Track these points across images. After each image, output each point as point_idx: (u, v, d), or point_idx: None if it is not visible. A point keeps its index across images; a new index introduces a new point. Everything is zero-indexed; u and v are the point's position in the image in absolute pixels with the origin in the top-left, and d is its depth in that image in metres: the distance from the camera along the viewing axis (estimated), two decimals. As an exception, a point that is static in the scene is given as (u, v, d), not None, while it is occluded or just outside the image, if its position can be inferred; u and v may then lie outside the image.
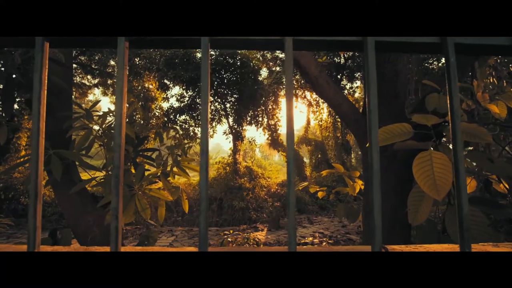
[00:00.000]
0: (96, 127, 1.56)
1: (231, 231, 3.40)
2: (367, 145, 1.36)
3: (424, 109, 1.74)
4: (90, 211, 1.64)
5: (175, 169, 1.59)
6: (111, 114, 1.58)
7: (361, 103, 10.40)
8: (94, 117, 1.43)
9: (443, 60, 9.13)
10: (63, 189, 1.54)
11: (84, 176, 1.70)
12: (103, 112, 1.46)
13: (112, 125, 1.72)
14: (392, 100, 1.81)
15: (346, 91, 10.52)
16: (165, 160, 1.75)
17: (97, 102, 1.56)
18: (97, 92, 13.60)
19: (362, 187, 2.56)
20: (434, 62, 9.37)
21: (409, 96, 2.04)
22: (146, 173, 1.67)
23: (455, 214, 1.20)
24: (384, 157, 1.93)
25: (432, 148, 1.45)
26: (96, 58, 11.54)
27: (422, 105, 1.96)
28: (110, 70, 12.74)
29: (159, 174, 1.67)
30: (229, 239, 2.99)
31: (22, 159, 1.45)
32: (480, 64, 2.81)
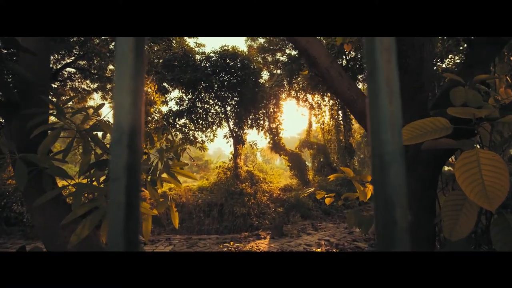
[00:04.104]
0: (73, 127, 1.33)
1: (231, 243, 3.14)
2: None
3: (447, 104, 1.49)
4: (67, 225, 1.41)
5: (164, 175, 1.35)
6: (87, 112, 1.36)
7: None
8: (67, 114, 1.20)
9: (447, 60, 8.96)
10: (35, 200, 1.31)
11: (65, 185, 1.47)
12: (78, 108, 1.24)
13: (97, 125, 1.49)
14: (415, 94, 1.58)
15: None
16: (155, 165, 1.51)
17: (70, 98, 1.33)
18: (96, 96, 13.51)
19: (375, 192, 2.32)
20: (438, 63, 9.17)
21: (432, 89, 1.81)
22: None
23: (507, 225, 0.96)
24: (405, 158, 1.67)
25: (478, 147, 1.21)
26: (95, 62, 11.43)
27: (444, 100, 1.71)
28: (109, 75, 12.63)
29: (148, 180, 1.44)
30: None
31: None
32: (500, 59, 2.60)
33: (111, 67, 12.38)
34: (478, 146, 1.37)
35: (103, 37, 10.83)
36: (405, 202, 0.11)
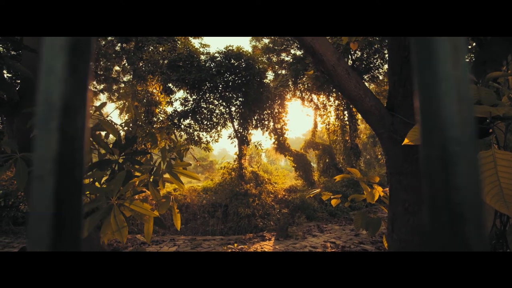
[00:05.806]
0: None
1: (235, 245, 3.10)
2: (403, 143, 1.07)
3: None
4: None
5: (166, 175, 1.32)
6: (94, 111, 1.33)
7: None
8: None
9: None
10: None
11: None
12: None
13: (99, 125, 1.47)
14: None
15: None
16: (158, 165, 1.48)
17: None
18: (102, 97, 13.64)
19: (382, 194, 2.26)
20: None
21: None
22: (135, 179, 1.42)
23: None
24: (416, 160, 1.63)
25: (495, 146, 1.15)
26: (101, 64, 11.57)
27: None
28: (115, 76, 12.75)
29: (150, 181, 1.42)
30: (233, 254, 2.69)
31: None
32: (513, 56, 2.51)
33: (117, 68, 12.49)
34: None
35: (109, 38, 10.93)
36: (480, 216, 0.07)
